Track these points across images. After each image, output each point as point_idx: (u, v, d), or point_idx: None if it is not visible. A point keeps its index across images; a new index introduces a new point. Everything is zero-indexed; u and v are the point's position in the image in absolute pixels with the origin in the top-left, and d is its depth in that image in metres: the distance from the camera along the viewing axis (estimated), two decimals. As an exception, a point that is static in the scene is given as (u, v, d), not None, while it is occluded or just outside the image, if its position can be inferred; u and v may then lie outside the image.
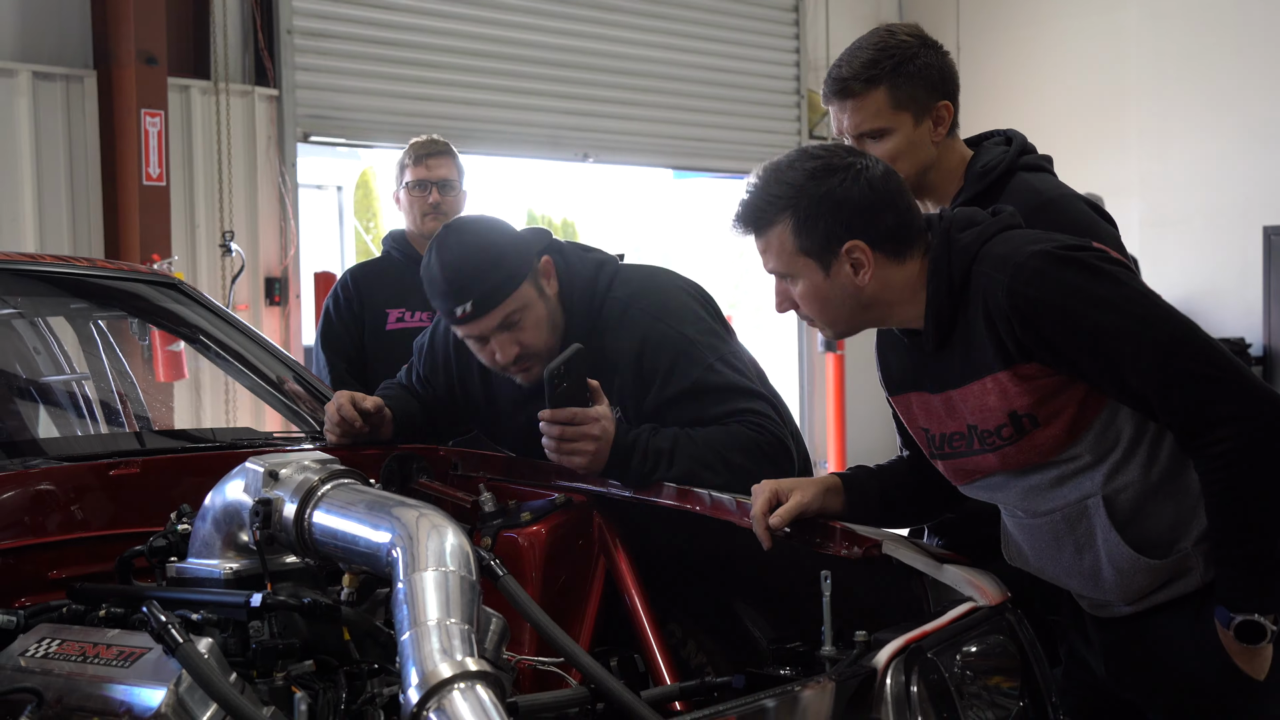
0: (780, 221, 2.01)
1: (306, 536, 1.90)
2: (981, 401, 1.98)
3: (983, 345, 1.96)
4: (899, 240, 2.02)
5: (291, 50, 6.49)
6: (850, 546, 2.11)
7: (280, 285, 6.53)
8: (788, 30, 8.94)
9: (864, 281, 2.01)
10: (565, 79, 7.67)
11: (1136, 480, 1.94)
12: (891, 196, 2.02)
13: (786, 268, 2.04)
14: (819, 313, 2.06)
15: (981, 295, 1.95)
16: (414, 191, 3.81)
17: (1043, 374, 1.92)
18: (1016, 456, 1.99)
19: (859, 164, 2.02)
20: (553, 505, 2.43)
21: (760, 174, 2.07)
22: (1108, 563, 1.97)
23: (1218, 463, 1.85)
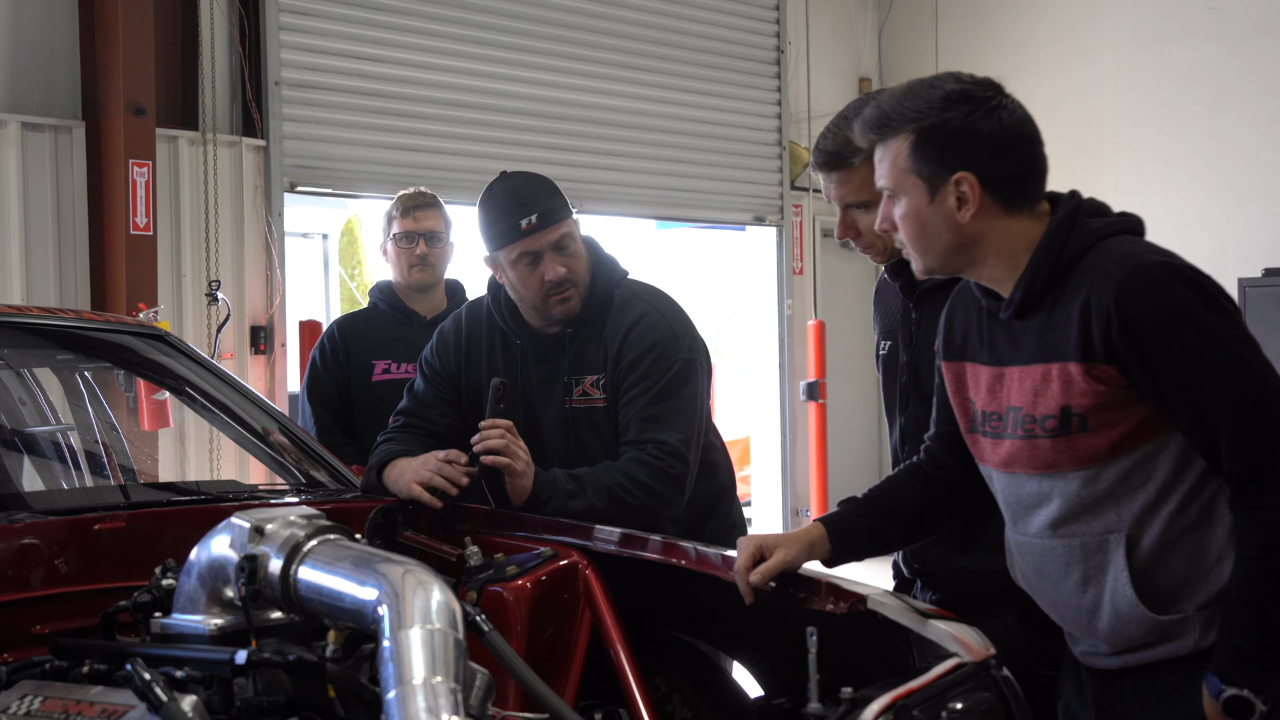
0: (902, 134, 1.96)
1: (292, 593, 1.90)
2: (1040, 386, 1.94)
3: (1066, 332, 1.90)
4: (1013, 190, 1.96)
5: (279, 101, 6.53)
6: (836, 602, 2.11)
7: (266, 334, 6.53)
8: (769, 83, 9.02)
9: (965, 219, 1.95)
10: (549, 130, 7.72)
11: (1162, 528, 1.91)
12: (1020, 143, 1.96)
13: (895, 183, 1.99)
14: (914, 237, 2.00)
15: (1087, 284, 1.89)
16: (401, 243, 3.82)
17: (1116, 381, 1.87)
18: (1048, 453, 1.95)
19: (998, 101, 1.96)
20: (539, 559, 2.43)
21: (901, 86, 2.03)
22: (1109, 603, 1.94)
23: (1262, 528, 1.81)
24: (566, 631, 2.38)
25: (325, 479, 2.88)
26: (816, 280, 9.39)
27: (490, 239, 2.83)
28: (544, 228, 2.74)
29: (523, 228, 2.74)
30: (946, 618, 2.12)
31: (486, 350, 2.92)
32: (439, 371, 2.96)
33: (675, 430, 2.71)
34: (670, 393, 2.75)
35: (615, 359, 2.78)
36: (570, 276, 2.77)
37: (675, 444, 2.69)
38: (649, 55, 8.26)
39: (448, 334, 2.99)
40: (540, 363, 2.86)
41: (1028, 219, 1.97)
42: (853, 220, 2.46)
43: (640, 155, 8.23)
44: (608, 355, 2.80)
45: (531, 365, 2.87)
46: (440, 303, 3.94)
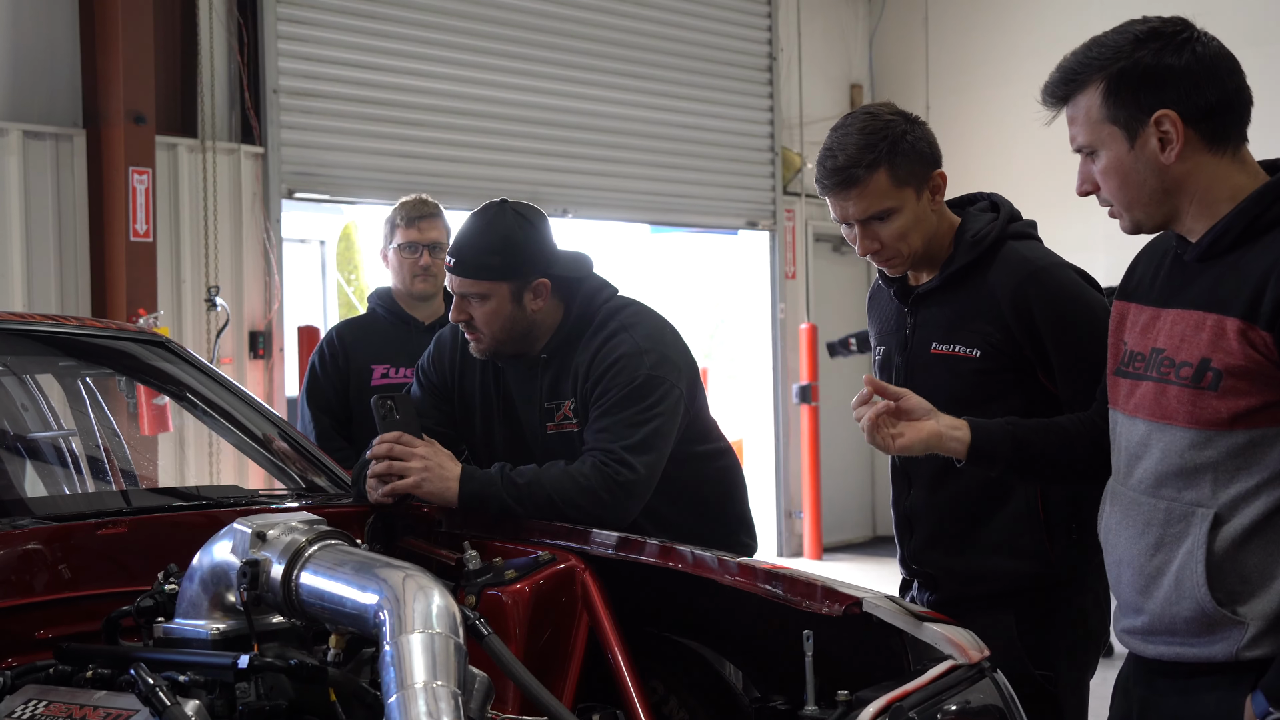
0: (1092, 85, 1.88)
1: (294, 597, 1.92)
2: (1191, 332, 1.86)
3: (1240, 287, 1.81)
4: (1218, 122, 1.86)
5: (277, 109, 6.56)
6: (831, 604, 2.13)
7: (264, 339, 6.56)
8: (761, 89, 9.05)
9: (1170, 160, 1.85)
10: (545, 136, 7.76)
11: (1253, 518, 1.82)
12: (1220, 73, 1.86)
13: (1091, 138, 1.90)
14: (1118, 190, 1.90)
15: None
16: (405, 253, 3.85)
17: (1267, 351, 1.78)
18: (1172, 401, 1.87)
19: (1190, 33, 1.87)
20: (536, 563, 2.45)
21: (1090, 40, 1.95)
22: (1174, 574, 1.87)
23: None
24: (564, 635, 2.40)
25: (325, 484, 2.90)
26: (809, 284, 9.42)
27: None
28: (456, 273, 2.77)
29: (448, 263, 2.79)
30: (941, 620, 2.14)
31: (479, 367, 2.91)
32: (434, 382, 2.97)
33: (626, 439, 2.63)
34: (626, 404, 2.67)
35: (584, 379, 2.76)
36: (472, 323, 2.78)
37: (623, 452, 2.62)
38: (642, 62, 8.30)
39: (444, 345, 2.99)
40: (521, 386, 2.86)
41: (1234, 165, 1.88)
42: (874, 233, 2.43)
43: (634, 161, 8.26)
44: (576, 379, 2.77)
45: (513, 387, 2.87)
46: (438, 309, 3.96)
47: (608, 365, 2.73)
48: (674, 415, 2.73)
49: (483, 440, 2.89)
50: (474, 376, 2.92)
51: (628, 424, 2.66)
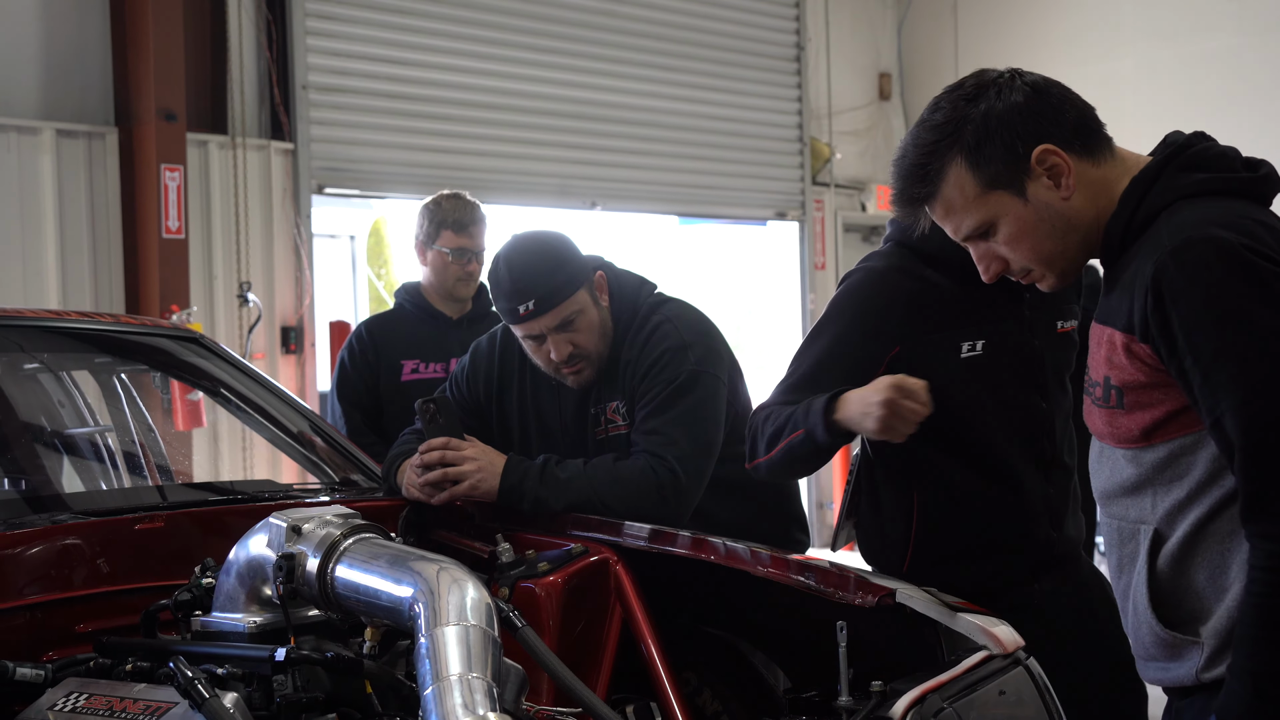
0: (950, 166, 1.75)
1: (329, 591, 1.94)
2: (1097, 349, 1.77)
3: (1124, 296, 1.70)
4: (1087, 133, 1.76)
5: (307, 105, 6.58)
6: (865, 595, 2.13)
7: (296, 334, 6.59)
8: (790, 80, 9.02)
9: (1068, 192, 1.73)
10: (573, 129, 7.76)
11: (1188, 531, 1.71)
12: (1062, 90, 1.77)
13: (979, 216, 1.77)
14: (1032, 250, 1.76)
15: (1145, 251, 1.68)
16: (455, 258, 3.84)
17: (1152, 361, 1.67)
18: (1098, 422, 1.79)
19: (1008, 74, 1.77)
20: (569, 555, 2.46)
21: (906, 138, 1.82)
22: (1131, 598, 1.79)
23: (1266, 558, 1.59)
24: (598, 626, 2.41)
25: (358, 478, 2.92)
26: (839, 275, 9.39)
27: (498, 311, 2.83)
28: (541, 314, 2.69)
29: (520, 313, 2.70)
30: (976, 611, 2.14)
31: (518, 380, 2.89)
32: (465, 397, 2.93)
33: (677, 444, 2.63)
34: (674, 401, 2.68)
35: (630, 375, 2.75)
36: (577, 351, 2.73)
37: (672, 458, 2.62)
38: (670, 54, 8.28)
39: (480, 360, 2.94)
40: (567, 395, 2.83)
41: (1120, 167, 1.77)
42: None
43: (662, 153, 8.26)
44: (624, 381, 2.76)
45: (564, 397, 2.84)
46: (467, 304, 3.97)
47: (653, 360, 2.73)
48: (721, 411, 2.74)
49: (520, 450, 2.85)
50: (512, 393, 2.89)
51: (676, 424, 2.66)
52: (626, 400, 2.75)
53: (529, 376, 2.88)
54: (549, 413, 2.85)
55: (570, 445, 2.81)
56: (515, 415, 2.89)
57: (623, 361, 2.77)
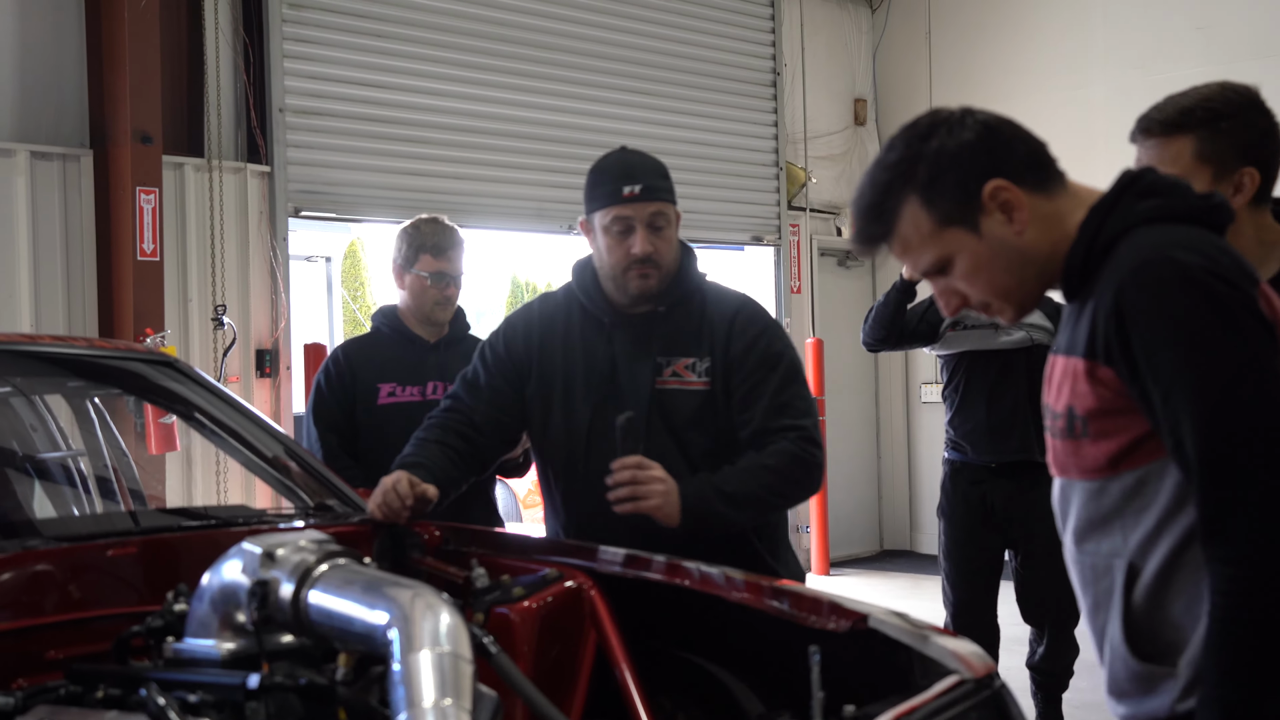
0: (905, 204, 1.76)
1: (303, 617, 1.93)
2: (1061, 380, 1.77)
3: (1085, 323, 1.71)
4: (1039, 168, 1.77)
5: (284, 128, 6.59)
6: (838, 620, 2.14)
7: (271, 357, 6.58)
8: (766, 105, 9.07)
9: (1021, 226, 1.74)
10: (551, 153, 7.77)
11: (1162, 562, 1.70)
12: (1012, 126, 1.78)
13: (936, 253, 1.78)
14: (989, 285, 1.78)
15: (1107, 275, 1.69)
16: (432, 282, 3.85)
17: (1115, 386, 1.68)
18: (1061, 454, 1.79)
19: (959, 112, 1.79)
20: (544, 580, 2.46)
21: (863, 177, 1.83)
22: (1108, 635, 1.77)
23: (1225, 584, 1.58)
24: (572, 652, 2.41)
25: (334, 503, 2.91)
26: (814, 298, 9.43)
27: (591, 199, 2.87)
28: (643, 200, 2.78)
29: (624, 194, 2.78)
30: (948, 635, 2.15)
31: (564, 333, 2.90)
32: (501, 357, 2.94)
33: (808, 415, 2.77)
34: (792, 378, 2.80)
35: (724, 344, 2.80)
36: (655, 256, 2.79)
37: (811, 429, 2.76)
38: (647, 78, 8.32)
39: (518, 322, 2.98)
40: (628, 342, 2.85)
41: (1073, 200, 1.78)
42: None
43: (640, 177, 8.27)
44: (711, 340, 2.81)
45: (618, 344, 2.86)
46: (444, 328, 3.98)
47: (755, 336, 2.82)
48: None
49: (562, 411, 2.86)
50: (556, 341, 2.90)
51: (800, 398, 2.80)
52: (710, 361, 2.80)
53: (577, 325, 2.90)
54: (599, 356, 2.85)
55: (620, 389, 2.82)
56: (560, 362, 2.88)
57: (706, 323, 2.82)
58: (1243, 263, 1.70)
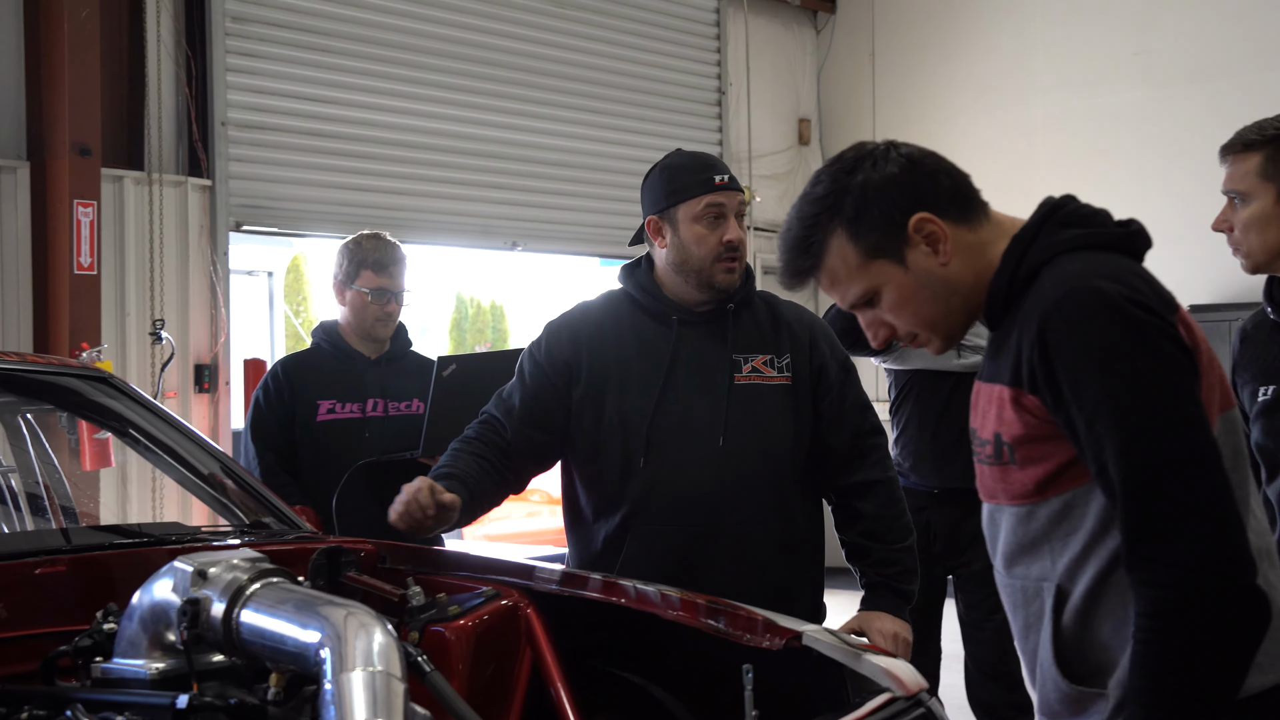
0: (833, 238, 1.79)
1: (234, 636, 1.92)
2: (987, 407, 1.79)
3: (1009, 350, 1.73)
4: (963, 200, 1.80)
5: (225, 142, 6.55)
6: (772, 638, 2.16)
7: (210, 372, 6.52)
8: (711, 123, 9.13)
9: (946, 258, 1.78)
10: (495, 170, 7.78)
11: (1089, 585, 1.72)
12: (936, 160, 1.82)
13: (863, 285, 1.81)
14: (915, 315, 1.82)
15: (1029, 304, 1.72)
16: (373, 298, 3.83)
17: (1040, 413, 1.70)
18: (989, 480, 1.82)
19: (884, 146, 1.82)
20: (481, 598, 2.46)
21: (790, 211, 1.85)
22: (1039, 658, 1.78)
23: (1149, 606, 1.59)
24: (508, 670, 2.41)
25: (270, 520, 2.89)
26: (761, 317, 9.47)
27: (673, 192, 2.80)
28: (732, 189, 2.81)
29: (716, 183, 2.79)
30: (880, 653, 2.17)
31: (615, 331, 2.83)
32: (541, 366, 2.84)
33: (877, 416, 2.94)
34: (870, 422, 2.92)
35: (808, 345, 2.85)
36: (740, 247, 2.82)
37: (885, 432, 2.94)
38: (593, 96, 8.35)
39: (561, 327, 2.89)
40: (700, 339, 2.82)
41: (996, 230, 1.82)
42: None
43: (584, 194, 8.30)
44: (792, 338, 2.85)
45: (686, 341, 2.81)
46: (385, 344, 3.96)
47: (835, 342, 2.93)
48: None
49: (618, 407, 2.78)
50: (607, 345, 2.82)
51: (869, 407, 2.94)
52: (791, 358, 2.84)
53: (628, 323, 2.84)
54: (661, 351, 2.80)
55: (682, 383, 2.78)
56: (613, 360, 2.80)
57: (783, 321, 2.87)
58: (1162, 290, 1.73)
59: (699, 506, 2.72)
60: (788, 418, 2.81)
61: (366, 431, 3.82)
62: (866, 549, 2.85)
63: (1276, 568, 1.76)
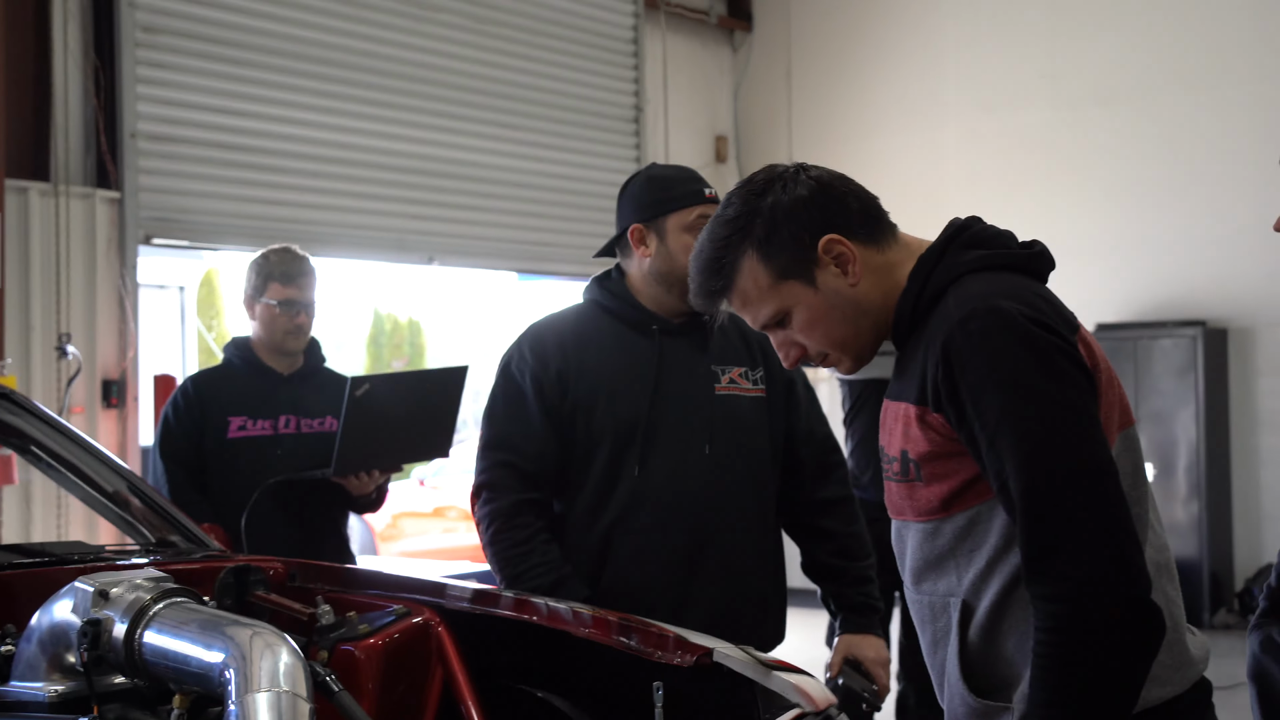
0: (744, 259, 1.82)
1: (137, 657, 1.89)
2: (894, 425, 1.82)
3: (915, 369, 1.77)
4: (871, 222, 1.83)
5: (135, 153, 6.44)
6: (683, 655, 2.16)
7: (118, 388, 6.40)
8: (628, 140, 9.16)
9: (855, 278, 1.81)
10: (411, 184, 7.74)
11: (994, 600, 1.74)
12: (845, 182, 1.85)
13: (774, 305, 1.84)
14: (826, 335, 1.84)
15: (934, 324, 1.75)
16: (283, 311, 3.80)
17: (945, 431, 1.73)
18: (896, 497, 1.84)
19: (794, 169, 1.85)
20: (391, 616, 2.44)
21: (702, 234, 1.89)
22: (947, 672, 1.80)
23: (1046, 621, 1.61)
24: (418, 689, 2.39)
25: (176, 539, 2.85)
26: (678, 333, 9.52)
27: (663, 202, 2.77)
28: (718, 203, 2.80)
29: (707, 195, 2.77)
30: (789, 669, 2.19)
31: (597, 341, 2.79)
32: (539, 379, 2.76)
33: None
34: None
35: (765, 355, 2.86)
36: None
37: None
38: (510, 110, 8.34)
39: (546, 340, 2.81)
40: (681, 349, 2.81)
41: (904, 251, 1.85)
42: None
43: (501, 209, 8.29)
44: (763, 351, 2.85)
45: (668, 351, 2.80)
46: (299, 360, 3.93)
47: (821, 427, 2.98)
48: None
49: (604, 413, 2.75)
50: (593, 354, 2.79)
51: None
52: (764, 371, 2.86)
53: (609, 333, 2.82)
54: (645, 361, 2.77)
55: (669, 393, 2.77)
56: (601, 369, 2.77)
57: (752, 333, 2.84)
58: (1063, 310, 1.76)
59: (688, 515, 2.73)
60: (764, 429, 2.84)
61: (278, 449, 3.78)
62: (839, 569, 2.88)
63: (1175, 582, 1.81)
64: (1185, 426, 8.16)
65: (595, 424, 2.75)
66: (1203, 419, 8.13)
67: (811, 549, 2.92)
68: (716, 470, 2.75)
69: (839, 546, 2.89)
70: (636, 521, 2.73)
